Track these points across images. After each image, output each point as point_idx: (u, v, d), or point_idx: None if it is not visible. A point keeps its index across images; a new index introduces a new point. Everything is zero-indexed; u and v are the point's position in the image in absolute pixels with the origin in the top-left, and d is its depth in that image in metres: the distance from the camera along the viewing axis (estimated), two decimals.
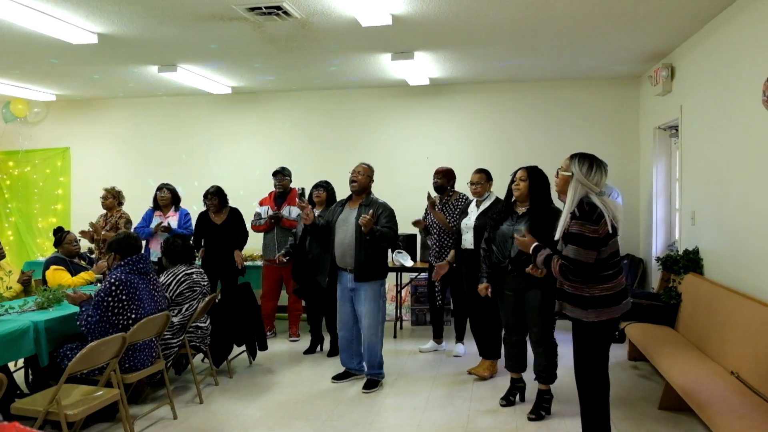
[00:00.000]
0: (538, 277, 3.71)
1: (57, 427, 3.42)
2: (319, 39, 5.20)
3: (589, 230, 3.06)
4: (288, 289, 6.25)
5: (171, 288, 4.48)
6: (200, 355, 5.17)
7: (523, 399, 4.33)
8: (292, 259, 5.59)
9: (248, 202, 7.62)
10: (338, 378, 4.86)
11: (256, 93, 7.83)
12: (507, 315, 4.21)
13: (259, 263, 6.59)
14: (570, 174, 3.19)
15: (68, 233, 5.47)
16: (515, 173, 4.07)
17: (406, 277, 6.78)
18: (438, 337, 5.82)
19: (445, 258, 5.28)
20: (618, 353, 5.37)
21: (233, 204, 6.25)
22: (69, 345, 3.92)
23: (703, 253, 4.95)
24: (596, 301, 3.14)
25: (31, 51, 5.52)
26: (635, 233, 6.80)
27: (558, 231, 3.24)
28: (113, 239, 4.07)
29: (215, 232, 6.02)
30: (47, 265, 5.25)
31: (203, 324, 4.65)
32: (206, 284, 4.74)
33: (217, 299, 5.00)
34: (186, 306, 4.49)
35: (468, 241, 4.93)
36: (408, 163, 7.45)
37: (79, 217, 8.02)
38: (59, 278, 5.03)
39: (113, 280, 3.79)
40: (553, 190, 3.51)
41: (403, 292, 6.83)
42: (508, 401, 4.29)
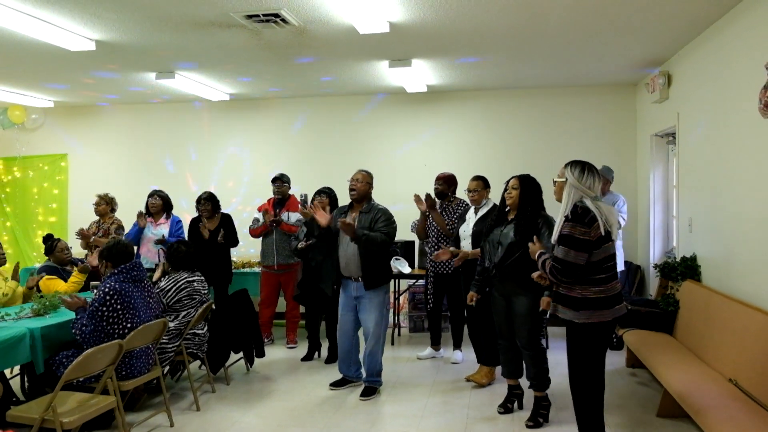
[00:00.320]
0: (524, 283, 3.80)
1: None
2: (317, 46, 5.21)
3: (579, 232, 3.15)
4: (286, 296, 6.23)
5: (170, 294, 4.47)
6: (197, 362, 5.16)
7: (521, 406, 4.32)
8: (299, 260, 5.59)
9: (245, 208, 7.64)
10: (336, 385, 4.85)
11: (255, 100, 7.84)
12: (498, 320, 4.24)
13: (257, 270, 6.58)
14: (564, 180, 3.32)
15: (59, 241, 5.41)
16: (508, 182, 4.13)
17: (404, 284, 6.77)
18: (436, 344, 5.81)
19: (446, 264, 5.30)
20: (616, 360, 5.37)
21: (231, 210, 6.24)
22: (65, 352, 3.91)
23: (701, 260, 4.96)
24: (587, 303, 3.20)
25: (29, 58, 5.52)
26: (633, 240, 6.81)
27: (554, 235, 3.33)
28: (104, 247, 4.05)
29: (207, 239, 5.99)
30: (39, 276, 5.20)
31: (200, 331, 4.64)
32: (206, 293, 4.73)
33: (213, 306, 4.99)
34: (184, 313, 4.47)
35: (466, 248, 4.92)
36: (406, 170, 7.45)
37: (77, 224, 7.93)
38: (54, 287, 4.99)
39: (107, 290, 3.77)
40: (552, 199, 3.55)
41: (401, 299, 6.82)
42: (506, 408, 4.28)
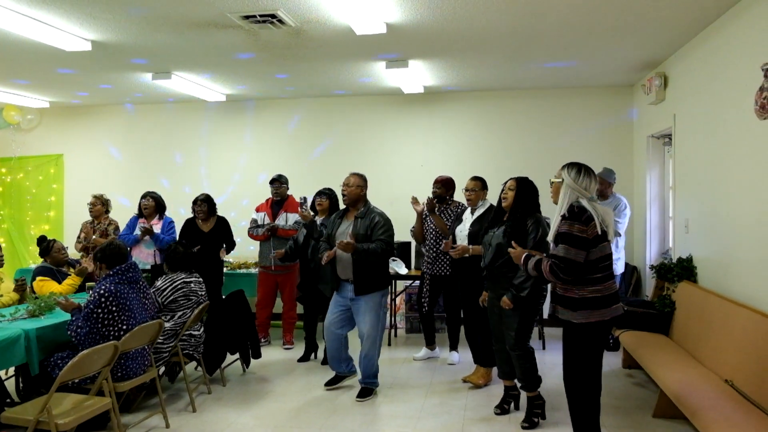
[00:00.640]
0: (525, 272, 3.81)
1: None
2: (314, 47, 5.21)
3: (578, 229, 3.17)
4: (283, 297, 6.23)
5: (165, 293, 4.46)
6: (193, 363, 5.14)
7: (518, 407, 4.32)
8: (292, 263, 5.55)
9: (242, 208, 7.63)
10: (330, 383, 4.85)
11: (251, 101, 7.83)
12: (493, 321, 4.25)
13: (254, 271, 6.57)
14: (560, 180, 3.35)
15: (54, 242, 5.37)
16: (506, 183, 4.14)
17: (401, 285, 6.77)
18: (430, 344, 5.81)
19: (444, 266, 5.32)
20: (612, 361, 5.37)
21: (227, 210, 6.23)
22: (60, 353, 3.90)
23: (697, 261, 4.97)
24: (585, 303, 3.21)
25: (25, 58, 5.51)
26: (629, 241, 6.81)
27: (550, 235, 3.36)
28: (98, 249, 4.03)
29: (202, 240, 5.98)
30: (34, 276, 5.19)
31: (196, 332, 4.63)
32: (203, 294, 4.72)
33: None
34: (179, 313, 4.47)
35: None
36: (403, 171, 7.45)
37: (72, 225, 7.97)
38: (46, 289, 4.96)
39: (103, 291, 3.76)
40: (550, 202, 3.57)
41: (398, 300, 6.81)
42: (503, 409, 4.29)
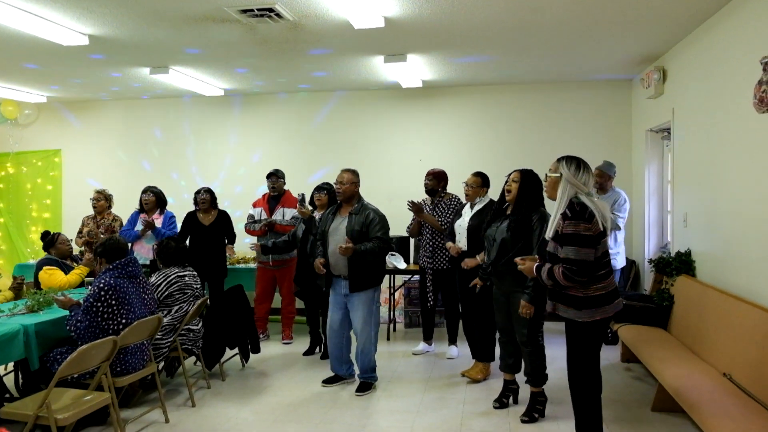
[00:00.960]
0: (522, 281, 3.79)
1: None
2: (312, 41, 5.19)
3: (584, 228, 3.08)
4: (281, 292, 6.23)
5: (160, 289, 4.47)
6: (192, 358, 5.14)
7: (517, 401, 4.33)
8: (288, 256, 5.55)
9: (239, 204, 7.62)
10: (328, 382, 4.85)
11: (248, 95, 7.81)
12: (499, 316, 4.22)
13: (252, 266, 6.57)
14: (558, 175, 3.24)
15: (59, 234, 5.45)
16: (509, 175, 4.07)
17: (399, 280, 6.77)
18: (428, 338, 5.81)
19: (442, 260, 5.33)
20: (611, 355, 5.38)
21: (223, 205, 6.24)
22: (59, 349, 3.90)
23: (695, 255, 4.97)
24: (590, 301, 3.16)
25: (22, 52, 5.49)
26: (628, 235, 6.80)
27: (549, 232, 3.26)
28: (98, 244, 4.05)
29: (203, 233, 5.99)
30: (39, 267, 5.22)
31: (195, 327, 4.63)
32: (198, 287, 4.72)
33: (207, 302, 4.98)
34: (176, 308, 4.47)
35: (461, 243, 4.92)
36: (401, 166, 7.45)
37: (70, 220, 7.98)
38: (54, 278, 5.02)
39: (102, 285, 3.76)
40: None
41: (396, 295, 6.82)
42: (501, 403, 4.29)
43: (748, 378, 3.46)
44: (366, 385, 4.67)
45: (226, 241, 6.17)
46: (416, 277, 6.47)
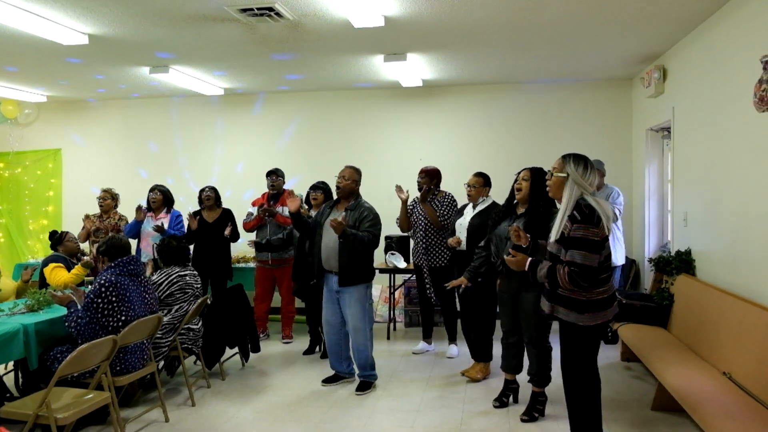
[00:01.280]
0: (532, 280, 3.71)
1: (47, 431, 3.39)
2: (312, 40, 5.19)
3: (592, 233, 3.00)
4: (281, 291, 6.23)
5: (162, 288, 4.47)
6: (192, 357, 5.15)
7: (517, 400, 4.33)
8: (285, 253, 5.55)
9: (239, 202, 7.61)
10: (328, 381, 4.84)
11: (248, 95, 7.81)
12: (505, 317, 4.19)
13: (252, 265, 6.57)
14: (565, 175, 3.15)
15: (67, 233, 5.52)
16: (519, 173, 4.02)
17: (399, 279, 6.77)
18: (428, 337, 5.81)
19: (437, 257, 5.32)
20: (611, 354, 5.38)
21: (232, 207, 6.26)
22: (59, 348, 3.90)
23: (695, 254, 4.97)
24: (592, 305, 3.11)
25: (22, 52, 5.48)
26: (628, 234, 6.80)
27: (554, 232, 3.16)
28: (101, 243, 4.07)
29: (206, 231, 6.00)
30: (46, 263, 5.24)
31: (195, 326, 4.63)
32: (199, 287, 4.72)
33: (209, 301, 4.98)
34: (176, 307, 4.47)
35: (462, 242, 4.92)
36: (401, 165, 7.43)
37: (71, 219, 7.97)
38: (58, 275, 5.04)
39: (103, 282, 3.77)
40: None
41: (396, 294, 6.82)
42: (501, 402, 4.29)
43: (748, 377, 3.46)
44: (366, 384, 4.67)
45: (226, 233, 6.08)
46: (415, 277, 6.46)
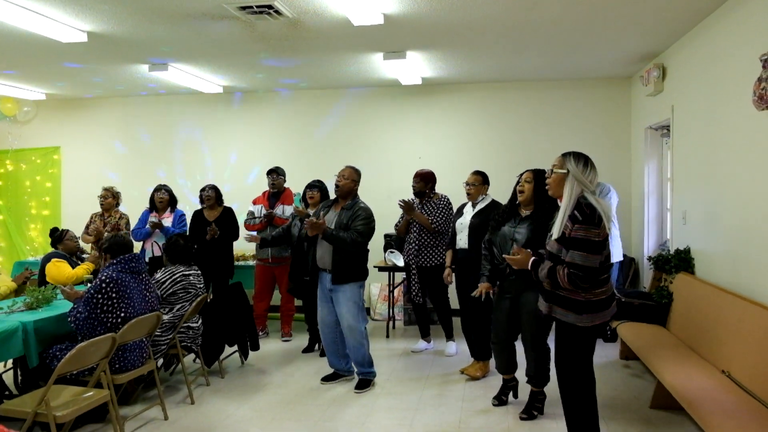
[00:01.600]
0: (535, 281, 3.69)
1: (46, 429, 3.40)
2: (311, 38, 5.19)
3: (594, 234, 2.96)
4: (281, 289, 6.23)
5: (165, 286, 4.46)
6: (191, 356, 5.15)
7: (516, 396, 4.33)
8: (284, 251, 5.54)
9: (240, 201, 7.62)
10: (327, 379, 4.85)
11: (247, 92, 7.80)
12: (500, 317, 4.13)
13: (251, 263, 6.58)
14: (565, 171, 3.11)
15: (67, 231, 5.53)
16: (521, 175, 3.99)
17: (399, 277, 6.77)
18: (426, 336, 5.82)
19: (428, 257, 5.34)
20: (610, 352, 5.39)
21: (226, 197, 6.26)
22: (58, 345, 3.90)
23: (695, 253, 4.97)
24: (591, 306, 3.08)
25: (20, 49, 5.48)
26: (627, 233, 6.81)
27: (555, 231, 3.12)
28: (104, 240, 4.08)
29: (207, 228, 6.00)
30: (47, 260, 5.25)
31: (194, 324, 4.63)
32: (201, 287, 4.72)
33: (209, 299, 4.98)
34: (178, 306, 4.47)
35: (462, 241, 4.92)
36: (400, 163, 7.43)
37: (70, 217, 7.98)
38: (61, 270, 5.04)
39: (104, 278, 3.78)
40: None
41: (396, 292, 6.82)
42: (500, 401, 4.29)
43: (748, 375, 3.46)
44: (365, 382, 4.68)
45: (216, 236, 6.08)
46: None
